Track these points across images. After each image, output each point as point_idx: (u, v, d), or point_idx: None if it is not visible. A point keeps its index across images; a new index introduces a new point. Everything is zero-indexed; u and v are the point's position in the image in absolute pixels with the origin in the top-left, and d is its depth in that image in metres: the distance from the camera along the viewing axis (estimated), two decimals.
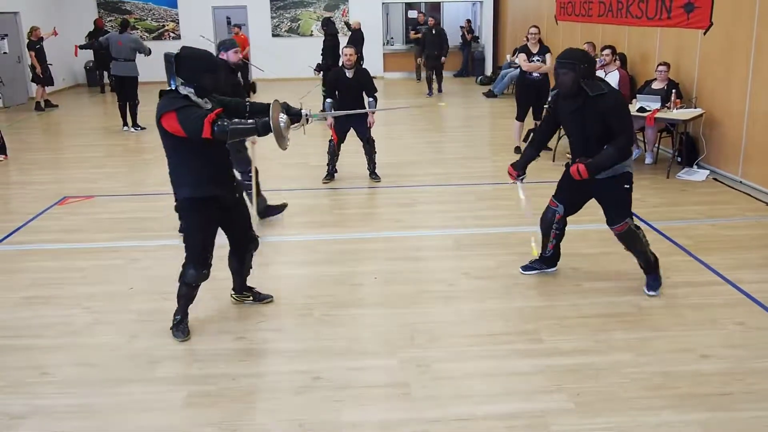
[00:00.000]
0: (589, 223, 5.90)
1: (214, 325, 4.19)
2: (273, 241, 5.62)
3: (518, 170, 4.68)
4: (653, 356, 3.70)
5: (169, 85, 3.67)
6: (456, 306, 4.40)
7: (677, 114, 7.30)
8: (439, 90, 14.29)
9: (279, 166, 8.36)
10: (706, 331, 3.98)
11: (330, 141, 7.32)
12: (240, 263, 4.27)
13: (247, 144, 5.62)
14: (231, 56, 5.63)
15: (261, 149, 5.70)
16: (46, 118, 12.53)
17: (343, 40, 10.59)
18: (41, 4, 15.30)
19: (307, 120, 3.94)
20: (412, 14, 18.28)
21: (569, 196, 4.57)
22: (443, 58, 13.92)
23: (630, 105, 7.79)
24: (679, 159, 7.66)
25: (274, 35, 17.47)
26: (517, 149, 8.71)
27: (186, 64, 3.64)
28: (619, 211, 4.38)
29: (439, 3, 18.26)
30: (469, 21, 17.29)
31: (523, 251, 5.24)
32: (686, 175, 7.34)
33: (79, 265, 5.20)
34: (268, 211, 6.10)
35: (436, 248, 5.39)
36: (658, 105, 7.39)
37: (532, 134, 4.61)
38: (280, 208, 6.17)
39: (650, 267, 4.50)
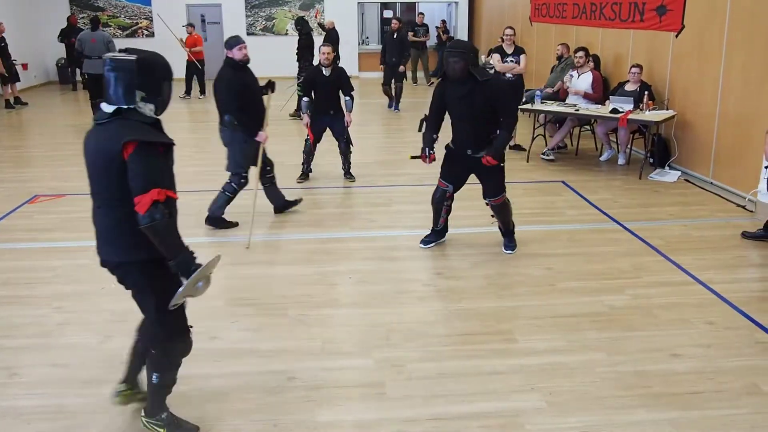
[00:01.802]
0: (558, 223, 5.97)
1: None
2: (246, 241, 5.57)
3: (424, 153, 5.14)
4: (625, 356, 3.75)
5: (118, 102, 2.67)
6: (431, 306, 4.41)
7: (650, 116, 7.40)
8: (396, 107, 12.38)
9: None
10: (677, 330, 4.04)
11: (306, 140, 7.29)
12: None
13: (261, 144, 5.69)
14: (236, 53, 5.61)
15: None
16: (16, 115, 12.29)
17: (318, 40, 10.55)
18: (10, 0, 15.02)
19: None
20: (388, 14, 18.28)
21: (455, 176, 5.13)
22: (401, 66, 12.04)
23: (603, 106, 7.93)
24: (651, 160, 7.77)
25: (248, 34, 17.33)
26: None
27: (152, 70, 2.72)
28: (497, 186, 5.05)
29: (415, 3, 18.29)
30: (444, 21, 17.34)
31: (497, 251, 5.28)
32: (658, 176, 7.46)
33: (51, 264, 5.11)
34: (287, 205, 6.26)
35: (410, 248, 5.40)
36: (630, 106, 7.49)
37: (425, 122, 5.17)
38: (297, 202, 6.34)
39: (509, 232, 5.29)
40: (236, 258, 5.25)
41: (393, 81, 12.29)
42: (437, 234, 5.40)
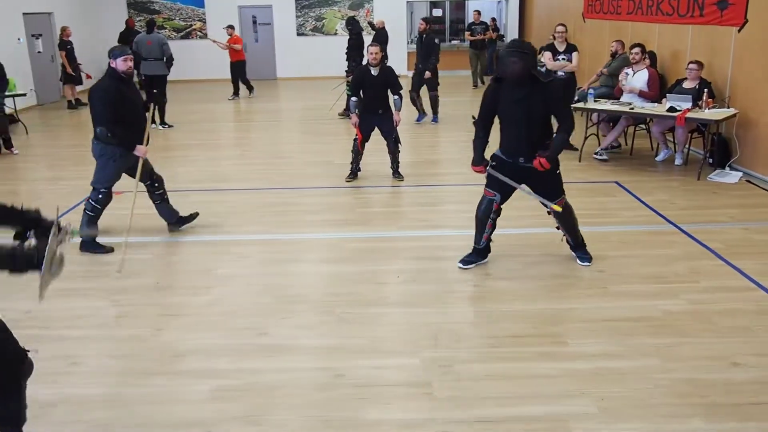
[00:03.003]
0: (611, 225, 5.84)
1: (238, 320, 4.22)
2: (296, 239, 5.64)
3: (482, 164, 4.80)
4: (681, 363, 3.63)
5: None
6: (480, 306, 4.37)
7: (709, 114, 7.16)
8: (434, 118, 11.03)
9: (302, 164, 8.42)
10: (736, 338, 3.89)
11: (354, 139, 7.32)
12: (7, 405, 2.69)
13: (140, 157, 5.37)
14: (120, 65, 5.21)
15: (284, 146, 5.75)
16: (77, 115, 12.74)
17: (367, 39, 10.57)
18: (74, 4, 15.55)
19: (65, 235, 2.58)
20: (437, 12, 18.21)
21: (502, 186, 4.74)
22: (427, 72, 10.63)
23: (659, 105, 7.71)
24: (710, 160, 7.53)
25: (298, 34, 17.55)
26: None
27: None
28: (555, 190, 4.74)
29: (464, 1, 18.16)
30: (494, 19, 17.17)
31: (548, 252, 5.20)
32: (718, 177, 7.21)
33: (109, 258, 5.27)
34: (182, 220, 5.87)
35: (460, 248, 5.35)
36: (689, 105, 7.27)
37: (476, 128, 4.80)
38: (193, 217, 5.94)
39: (579, 245, 4.97)
40: (286, 256, 5.31)
41: (428, 89, 10.85)
42: (479, 253, 4.99)
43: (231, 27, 14.24)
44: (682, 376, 3.50)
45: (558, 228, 4.98)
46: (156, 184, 5.72)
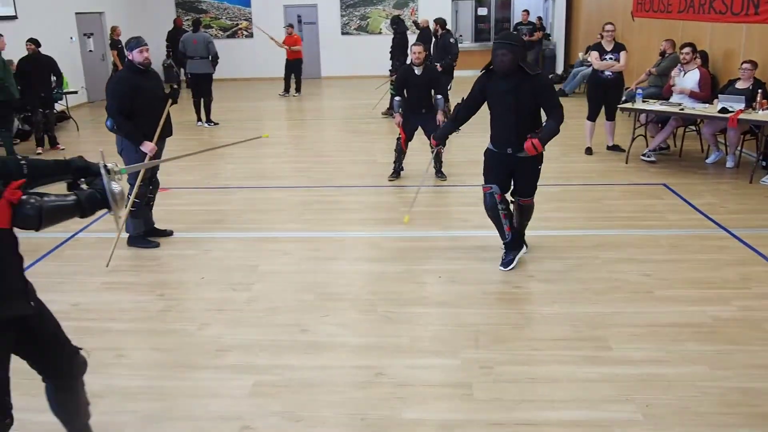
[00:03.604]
0: (658, 228, 5.70)
1: (279, 316, 4.26)
2: (338, 237, 5.67)
3: (438, 140, 5.43)
4: (730, 371, 3.53)
5: None
6: (521, 308, 4.32)
7: (763, 115, 6.93)
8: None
9: (345, 162, 8.45)
10: None
11: (398, 139, 7.32)
12: (67, 403, 2.80)
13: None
14: (136, 56, 5.16)
15: (327, 144, 5.76)
16: None
17: (412, 38, 10.55)
18: (124, 4, 15.95)
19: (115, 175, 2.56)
20: (482, 11, 18.06)
21: (497, 176, 4.84)
22: (438, 65, 9.82)
23: (711, 105, 7.50)
24: (764, 163, 7.28)
25: (343, 33, 17.63)
26: (588, 150, 8.50)
27: None
28: (531, 186, 4.89)
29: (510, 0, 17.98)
30: (540, 18, 16.94)
31: (593, 255, 5.11)
32: None
33: (154, 254, 5.39)
34: (155, 232, 5.66)
35: (501, 249, 5.30)
36: (742, 105, 7.05)
37: (456, 111, 4.98)
38: (167, 233, 5.72)
39: (517, 243, 4.99)
40: (327, 253, 5.35)
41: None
42: (513, 247, 4.95)
43: (290, 26, 14.47)
44: (731, 385, 3.40)
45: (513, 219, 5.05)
46: (150, 187, 5.57)
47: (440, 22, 10.86)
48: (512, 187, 4.96)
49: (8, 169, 2.36)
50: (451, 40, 10.55)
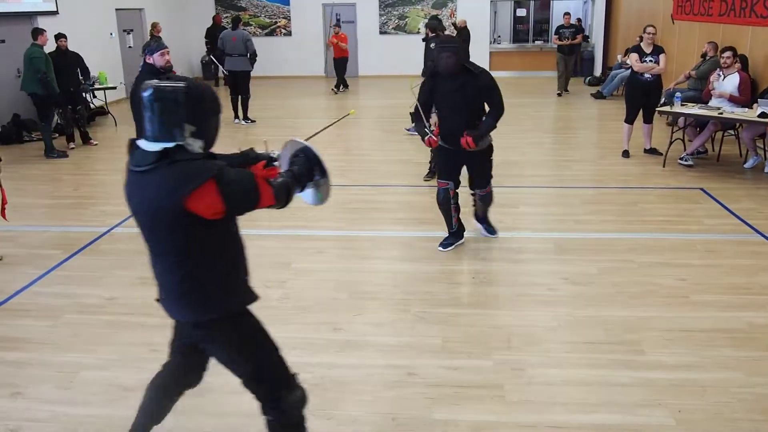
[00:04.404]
0: (695, 233, 5.64)
1: (312, 315, 4.33)
2: (372, 236, 5.73)
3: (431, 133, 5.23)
4: (766, 377, 3.49)
5: (165, 140, 2.24)
6: (555, 311, 4.33)
7: None
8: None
9: (380, 162, 8.51)
10: None
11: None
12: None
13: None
14: (157, 59, 5.20)
15: (363, 142, 5.80)
16: None
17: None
18: (164, 1, 16.24)
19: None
20: (521, 12, 17.92)
21: (451, 172, 5.23)
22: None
23: (750, 110, 7.37)
24: None
25: (381, 32, 17.69)
26: (625, 153, 8.41)
27: (201, 104, 2.29)
28: (485, 178, 5.28)
29: (549, 1, 17.82)
30: (579, 20, 16.77)
31: (628, 258, 5.08)
32: None
33: None
34: None
35: (536, 251, 5.31)
36: None
37: (417, 110, 5.10)
38: None
39: (486, 218, 5.59)
40: (361, 252, 5.41)
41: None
42: (455, 236, 5.41)
43: (338, 25, 14.61)
44: (765, 392, 3.36)
45: (474, 206, 5.59)
46: None
47: (429, 26, 9.93)
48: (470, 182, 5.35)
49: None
50: (432, 45, 10.00)
